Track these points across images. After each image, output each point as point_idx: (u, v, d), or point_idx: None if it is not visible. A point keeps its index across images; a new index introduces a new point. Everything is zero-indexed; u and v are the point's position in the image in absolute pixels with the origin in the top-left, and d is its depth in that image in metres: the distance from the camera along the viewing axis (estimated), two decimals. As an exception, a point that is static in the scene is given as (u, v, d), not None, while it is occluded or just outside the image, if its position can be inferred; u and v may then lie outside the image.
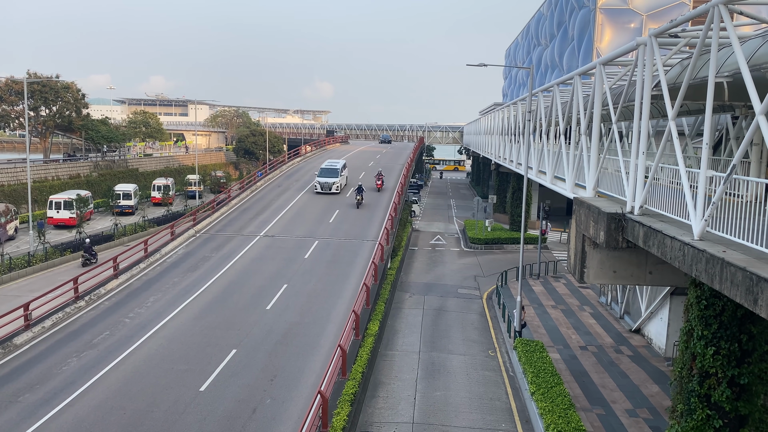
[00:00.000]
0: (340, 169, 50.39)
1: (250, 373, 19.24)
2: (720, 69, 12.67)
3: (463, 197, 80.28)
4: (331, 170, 49.62)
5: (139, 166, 77.76)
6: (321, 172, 49.59)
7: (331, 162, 52.54)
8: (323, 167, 50.41)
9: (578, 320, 28.69)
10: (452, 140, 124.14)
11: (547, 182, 26.46)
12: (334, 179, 48.47)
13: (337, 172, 49.38)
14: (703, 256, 9.76)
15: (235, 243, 35.24)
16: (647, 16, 59.71)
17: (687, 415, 11.89)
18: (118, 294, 26.87)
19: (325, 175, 48.96)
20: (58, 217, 46.47)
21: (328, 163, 51.67)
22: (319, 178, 48.81)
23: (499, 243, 46.20)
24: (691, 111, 19.49)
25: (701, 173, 10.48)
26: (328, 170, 49.64)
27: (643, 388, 21.03)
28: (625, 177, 14.77)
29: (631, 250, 14.30)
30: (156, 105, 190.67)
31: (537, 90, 31.00)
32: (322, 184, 48.21)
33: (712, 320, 11.37)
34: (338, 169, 49.93)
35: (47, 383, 18.30)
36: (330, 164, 51.27)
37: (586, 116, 18.67)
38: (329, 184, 48.09)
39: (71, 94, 69.32)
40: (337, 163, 51.72)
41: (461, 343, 25.58)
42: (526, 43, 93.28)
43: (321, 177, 48.79)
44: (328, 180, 48.39)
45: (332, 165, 51.05)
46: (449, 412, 19.14)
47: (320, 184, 48.28)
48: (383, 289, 29.10)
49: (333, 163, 51.71)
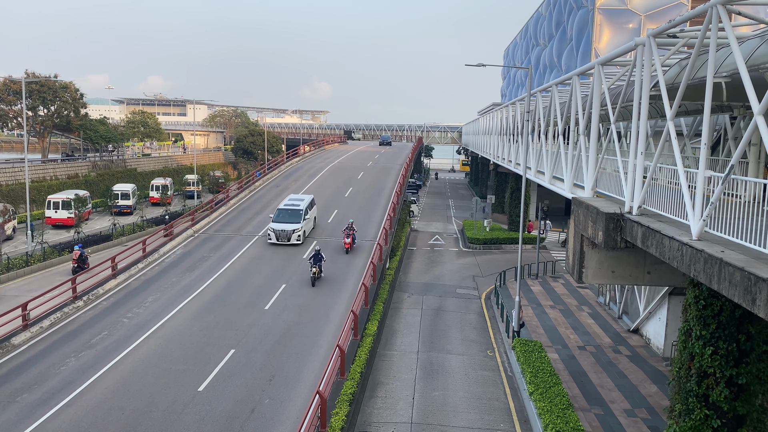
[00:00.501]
0: (305, 209, 36.17)
1: (249, 373, 19.22)
2: (718, 69, 12.69)
3: (461, 197, 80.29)
4: (291, 212, 35.75)
5: (137, 166, 77.68)
6: (278, 215, 35.76)
7: (293, 200, 37.67)
8: (281, 207, 36.41)
9: (577, 320, 28.72)
10: (451, 140, 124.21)
11: (545, 182, 26.47)
12: (295, 225, 34.93)
13: (299, 214, 35.48)
14: (701, 256, 9.77)
15: (234, 243, 35.23)
16: (646, 17, 59.78)
17: (685, 415, 11.90)
18: (117, 294, 26.84)
19: (283, 219, 35.33)
20: (56, 217, 46.40)
21: (289, 202, 37.25)
22: (273, 224, 35.18)
23: (497, 243, 46.22)
24: (690, 111, 19.52)
25: (699, 173, 10.48)
26: (287, 212, 35.78)
27: (641, 387, 21.05)
28: (623, 177, 14.78)
29: (630, 250, 14.31)
30: (154, 105, 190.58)
31: (536, 90, 31.00)
32: (277, 232, 34.62)
33: (710, 320, 11.38)
34: (301, 211, 35.74)
35: (45, 383, 18.27)
36: (291, 203, 36.85)
37: (584, 116, 18.68)
38: (287, 232, 34.56)
39: (69, 93, 69.26)
40: (299, 202, 37.04)
41: (460, 343, 25.58)
42: (524, 44, 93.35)
43: (277, 222, 35.33)
44: (286, 227, 34.76)
45: (293, 205, 36.55)
46: (448, 412, 19.15)
47: (275, 232, 34.70)
48: (382, 289, 29.12)
49: (294, 202, 37.02)
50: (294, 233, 34.59)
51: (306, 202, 37.06)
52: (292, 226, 34.78)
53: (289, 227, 34.72)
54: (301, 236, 34.99)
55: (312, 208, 38.17)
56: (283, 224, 34.87)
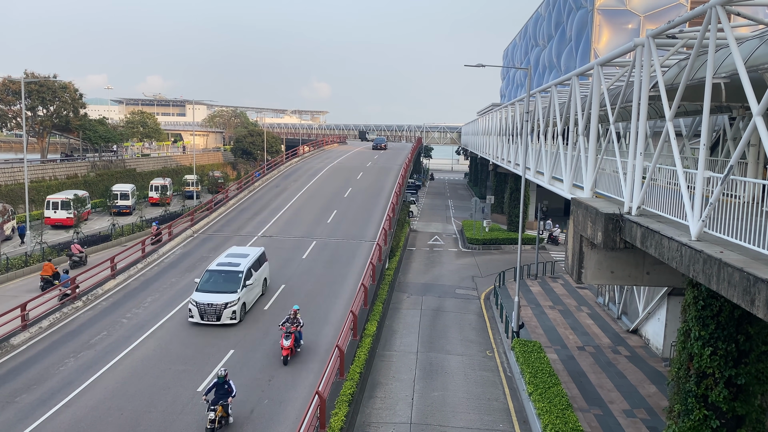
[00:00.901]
0: (246, 270, 24.47)
1: (248, 373, 19.22)
2: (717, 70, 12.70)
3: (460, 198, 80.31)
4: (226, 274, 24.21)
5: (136, 167, 77.67)
6: (206, 279, 24.12)
7: (232, 256, 26.00)
8: (211, 269, 24.68)
9: (576, 320, 28.73)
10: (450, 141, 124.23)
11: (544, 183, 26.48)
12: (229, 296, 23.29)
13: (237, 279, 23.90)
14: (700, 257, 9.78)
15: (233, 243, 35.18)
16: (645, 17, 59.84)
17: (684, 416, 11.91)
18: (116, 294, 26.82)
19: (213, 286, 23.77)
20: (55, 217, 46.40)
21: (226, 259, 25.52)
22: (197, 294, 23.43)
23: (496, 243, 46.24)
24: (689, 112, 19.54)
25: (698, 174, 10.49)
26: (220, 274, 24.23)
27: (640, 388, 21.07)
28: (622, 178, 14.79)
29: (629, 251, 14.33)
30: (154, 105, 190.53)
31: (535, 91, 31.02)
32: (202, 307, 22.99)
33: (709, 321, 11.38)
34: (240, 273, 24.13)
35: (44, 384, 18.26)
36: (227, 261, 25.21)
37: (583, 117, 18.69)
38: (216, 307, 22.99)
39: (69, 93, 69.26)
40: (240, 259, 25.34)
41: (459, 343, 25.59)
42: (524, 44, 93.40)
43: (203, 290, 23.60)
44: (215, 298, 23.17)
45: (230, 264, 24.83)
46: (447, 412, 19.15)
47: (198, 306, 23.05)
48: (381, 289, 29.11)
49: (233, 260, 25.29)
50: (227, 308, 22.93)
51: (250, 259, 25.43)
52: (225, 298, 23.09)
53: (220, 299, 23.05)
54: (238, 313, 23.16)
55: (261, 267, 26.38)
56: (212, 294, 23.25)
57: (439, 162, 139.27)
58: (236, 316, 23.34)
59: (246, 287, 24.17)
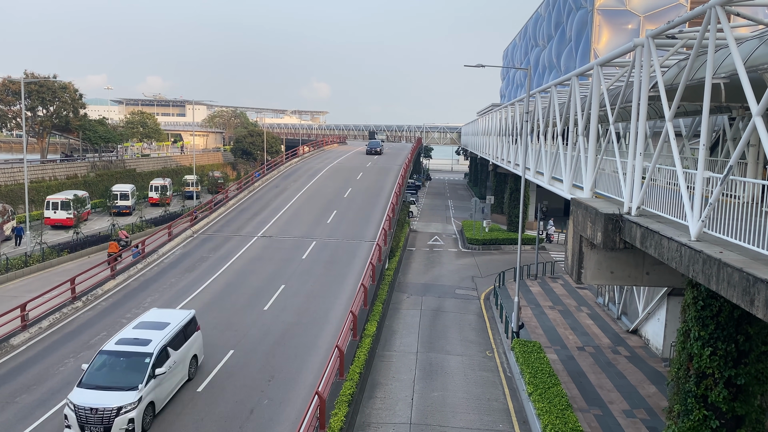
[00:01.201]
0: (158, 353, 16.57)
1: (248, 373, 19.22)
2: (717, 70, 12.70)
3: (460, 198, 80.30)
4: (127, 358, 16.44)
5: (136, 167, 77.66)
6: (97, 367, 16.26)
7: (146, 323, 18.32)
8: (106, 349, 16.73)
9: (576, 321, 28.73)
10: (450, 141, 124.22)
11: (544, 183, 26.48)
12: (127, 395, 15.33)
13: (142, 367, 16.10)
14: (700, 257, 9.78)
15: (233, 243, 35.21)
16: (644, 18, 59.85)
17: (684, 416, 11.91)
18: (116, 294, 26.82)
19: (102, 379, 15.90)
20: (55, 217, 46.39)
21: (135, 330, 17.71)
22: (77, 393, 15.46)
23: (496, 244, 46.24)
24: (688, 112, 19.54)
25: (698, 174, 10.50)
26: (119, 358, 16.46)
27: (640, 388, 21.07)
28: (622, 178, 14.80)
29: (629, 251, 14.33)
30: (153, 105, 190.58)
31: (535, 91, 31.02)
32: (83, 414, 14.94)
33: (709, 321, 11.39)
34: (149, 356, 16.38)
35: (44, 384, 18.26)
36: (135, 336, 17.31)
37: (583, 117, 18.70)
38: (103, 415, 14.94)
39: (68, 94, 69.26)
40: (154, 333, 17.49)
41: (459, 343, 25.59)
42: (523, 44, 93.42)
43: (87, 384, 15.72)
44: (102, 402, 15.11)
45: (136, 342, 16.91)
46: (447, 412, 19.15)
47: (78, 412, 15.00)
48: (381, 289, 29.11)
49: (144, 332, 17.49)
50: (121, 415, 15.07)
51: (169, 331, 17.78)
52: (119, 399, 15.31)
53: (111, 401, 15.25)
54: (138, 421, 15.29)
55: (188, 341, 18.51)
56: (100, 392, 15.54)
57: (439, 162, 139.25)
58: (135, 427, 15.14)
59: (155, 379, 16.13)
